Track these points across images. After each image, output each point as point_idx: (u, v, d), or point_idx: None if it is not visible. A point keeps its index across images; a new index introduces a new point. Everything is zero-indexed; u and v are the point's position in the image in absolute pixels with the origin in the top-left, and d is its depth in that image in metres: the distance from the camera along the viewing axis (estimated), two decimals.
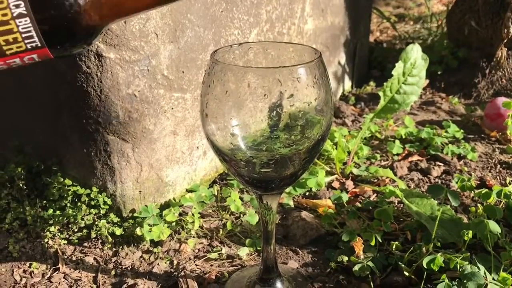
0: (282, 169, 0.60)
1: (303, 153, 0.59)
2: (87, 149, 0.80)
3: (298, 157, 0.60)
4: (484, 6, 1.37)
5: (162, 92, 0.82)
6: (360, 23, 1.52)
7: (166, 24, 0.79)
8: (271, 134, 0.58)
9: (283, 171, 0.60)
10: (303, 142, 0.58)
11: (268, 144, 0.58)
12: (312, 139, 0.58)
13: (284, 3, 1.09)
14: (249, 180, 0.60)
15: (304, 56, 0.63)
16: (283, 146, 0.59)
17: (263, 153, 0.59)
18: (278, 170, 0.60)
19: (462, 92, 1.47)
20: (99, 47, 0.73)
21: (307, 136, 0.57)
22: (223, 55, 0.61)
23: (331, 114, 0.59)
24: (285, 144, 0.59)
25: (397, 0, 3.07)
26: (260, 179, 0.60)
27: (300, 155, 0.59)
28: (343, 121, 1.32)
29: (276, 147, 0.59)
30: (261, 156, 0.59)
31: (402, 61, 1.04)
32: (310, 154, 0.60)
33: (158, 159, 0.85)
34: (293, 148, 0.59)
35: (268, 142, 0.58)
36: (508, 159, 1.11)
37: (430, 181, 1.02)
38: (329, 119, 0.59)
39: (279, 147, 0.59)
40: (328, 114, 0.59)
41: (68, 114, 0.79)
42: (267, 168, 0.59)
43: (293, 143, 0.58)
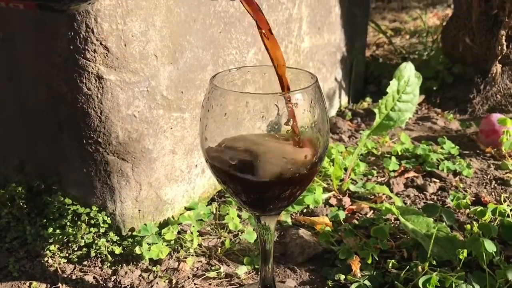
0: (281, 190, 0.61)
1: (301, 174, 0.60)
2: (87, 169, 0.81)
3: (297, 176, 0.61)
4: (478, 23, 1.39)
5: (162, 112, 0.83)
6: (357, 40, 1.54)
7: (165, 46, 0.81)
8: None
9: (282, 192, 0.61)
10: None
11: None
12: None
13: (281, 22, 1.10)
14: (246, 201, 0.61)
15: (301, 78, 0.65)
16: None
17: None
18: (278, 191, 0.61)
19: (457, 108, 1.49)
20: (99, 70, 0.74)
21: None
22: (222, 79, 0.62)
23: (327, 136, 0.61)
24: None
25: (393, 14, 3.10)
26: (258, 200, 0.62)
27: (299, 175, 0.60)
28: (340, 136, 1.34)
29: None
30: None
31: (396, 79, 1.06)
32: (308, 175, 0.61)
33: (157, 178, 0.86)
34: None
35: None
36: (503, 175, 1.12)
37: (426, 198, 1.03)
38: (325, 140, 0.61)
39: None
40: (325, 136, 0.60)
41: (68, 135, 0.81)
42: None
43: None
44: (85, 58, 0.73)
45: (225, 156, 0.58)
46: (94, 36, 0.72)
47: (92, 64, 0.74)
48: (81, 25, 0.71)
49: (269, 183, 0.59)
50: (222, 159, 0.58)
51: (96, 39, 0.72)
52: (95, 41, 0.72)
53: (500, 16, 1.35)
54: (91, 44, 0.72)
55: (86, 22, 0.71)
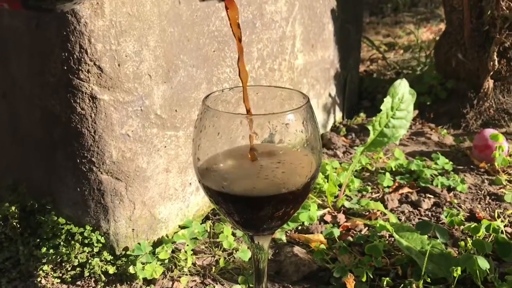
0: (274, 209, 0.61)
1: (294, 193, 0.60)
2: (80, 188, 0.81)
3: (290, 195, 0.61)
4: (469, 39, 1.41)
5: (155, 131, 0.83)
6: (350, 56, 1.55)
7: (159, 65, 0.81)
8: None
9: (275, 211, 0.61)
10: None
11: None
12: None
13: (274, 40, 1.11)
14: (240, 221, 0.61)
15: (293, 97, 0.65)
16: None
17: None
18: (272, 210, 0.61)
19: (451, 123, 1.49)
20: (93, 90, 0.74)
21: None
22: (216, 98, 0.63)
23: (320, 154, 0.61)
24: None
25: (387, 29, 3.13)
26: (251, 219, 0.62)
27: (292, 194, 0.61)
28: (335, 152, 1.34)
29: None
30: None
31: (390, 96, 1.06)
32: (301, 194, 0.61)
33: (151, 197, 0.86)
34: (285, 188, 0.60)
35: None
36: (497, 190, 1.12)
37: (420, 214, 1.03)
38: (318, 159, 0.61)
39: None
40: (317, 154, 0.60)
41: (62, 154, 0.81)
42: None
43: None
44: (79, 78, 0.74)
45: (218, 177, 0.58)
46: (87, 56, 0.72)
47: (86, 84, 0.74)
48: (75, 46, 0.72)
49: (262, 203, 0.59)
50: (215, 179, 0.58)
51: (89, 60, 0.73)
52: (89, 61, 0.73)
53: (491, 32, 1.37)
54: (85, 65, 0.73)
55: (80, 42, 0.71)
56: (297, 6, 1.17)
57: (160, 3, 0.79)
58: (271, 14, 1.08)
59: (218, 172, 0.58)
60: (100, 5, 0.70)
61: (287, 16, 1.14)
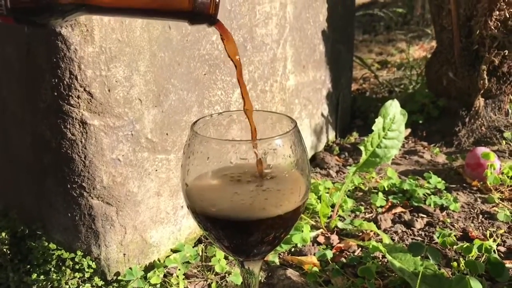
0: (264, 234, 0.61)
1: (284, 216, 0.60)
2: (71, 213, 0.81)
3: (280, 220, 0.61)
4: (459, 58, 1.42)
5: (146, 155, 0.83)
6: (342, 76, 1.56)
7: (150, 90, 0.82)
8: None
9: (265, 236, 0.61)
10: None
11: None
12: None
13: (266, 62, 1.12)
14: (229, 246, 0.61)
15: (282, 122, 0.65)
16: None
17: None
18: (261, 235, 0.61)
19: (443, 141, 1.50)
20: (83, 115, 0.75)
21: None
22: (204, 124, 0.63)
23: (308, 177, 0.61)
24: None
25: (380, 47, 3.16)
26: (241, 245, 0.61)
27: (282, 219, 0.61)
28: (328, 172, 1.34)
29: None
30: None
31: (381, 116, 1.07)
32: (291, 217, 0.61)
33: (142, 221, 0.85)
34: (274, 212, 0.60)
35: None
36: (489, 208, 1.12)
37: (413, 234, 1.03)
38: (307, 181, 0.61)
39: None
40: (306, 177, 0.61)
41: (53, 179, 0.80)
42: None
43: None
44: (69, 104, 0.74)
45: (206, 202, 0.58)
46: (78, 82, 0.73)
47: (76, 110, 0.74)
48: (65, 72, 0.72)
49: (252, 227, 0.59)
50: (203, 204, 0.58)
51: (80, 86, 0.73)
52: (79, 87, 0.73)
53: (480, 52, 1.39)
54: (75, 91, 0.73)
55: (70, 69, 0.72)
56: (287, 29, 1.18)
57: (150, 29, 0.80)
58: (262, 37, 1.09)
59: (206, 197, 0.58)
60: (90, 32, 0.71)
61: (278, 38, 1.15)
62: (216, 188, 0.59)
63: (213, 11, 0.50)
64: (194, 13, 0.50)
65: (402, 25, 3.65)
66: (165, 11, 0.50)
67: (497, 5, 1.29)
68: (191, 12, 0.50)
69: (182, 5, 0.49)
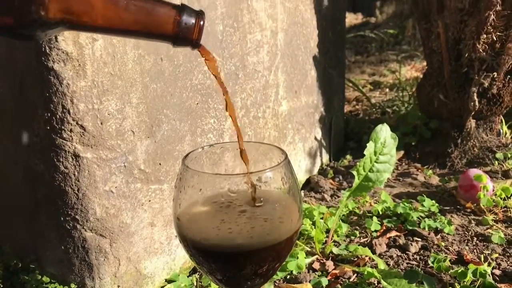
0: (257, 266, 0.61)
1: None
2: (65, 246, 0.81)
3: (272, 251, 0.61)
4: (450, 80, 1.44)
5: (139, 186, 0.84)
6: (334, 99, 1.58)
7: (142, 121, 0.82)
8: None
9: (258, 268, 0.61)
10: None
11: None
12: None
13: (258, 89, 1.13)
14: (222, 279, 0.61)
15: (273, 152, 0.66)
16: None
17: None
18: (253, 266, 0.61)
19: (437, 162, 1.51)
20: (76, 148, 0.75)
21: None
22: (196, 157, 0.63)
23: (300, 207, 0.61)
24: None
25: (372, 68, 3.20)
26: (234, 277, 0.61)
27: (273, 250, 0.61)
28: (322, 196, 1.35)
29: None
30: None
31: (372, 141, 1.08)
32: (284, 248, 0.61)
33: (136, 252, 0.85)
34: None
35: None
36: (484, 231, 1.13)
37: (409, 258, 1.03)
38: (299, 210, 0.61)
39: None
40: (296, 208, 0.61)
41: (46, 212, 0.80)
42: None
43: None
44: (62, 138, 0.74)
45: (198, 236, 0.58)
46: (70, 116, 0.73)
47: (69, 143, 0.75)
48: (58, 106, 0.73)
49: (245, 260, 0.59)
50: (195, 238, 0.58)
51: (72, 119, 0.74)
52: (72, 121, 0.74)
53: (470, 74, 1.40)
54: (68, 124, 0.74)
55: (62, 103, 0.73)
56: (279, 56, 1.20)
57: (142, 61, 0.81)
58: (254, 65, 1.10)
59: (197, 231, 0.59)
60: (82, 67, 0.72)
61: (269, 65, 1.16)
62: (207, 220, 0.59)
63: (196, 36, 0.51)
64: (178, 37, 0.50)
65: (393, 46, 3.69)
66: (148, 33, 0.50)
67: (484, 28, 1.32)
68: (174, 36, 0.50)
69: (166, 29, 0.50)
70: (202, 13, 0.52)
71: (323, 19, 1.41)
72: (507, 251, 1.04)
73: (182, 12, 0.50)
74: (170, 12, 0.50)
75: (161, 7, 0.50)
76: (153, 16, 0.49)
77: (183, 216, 0.59)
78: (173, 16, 0.50)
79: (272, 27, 1.15)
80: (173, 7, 0.50)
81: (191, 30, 0.51)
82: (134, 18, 0.48)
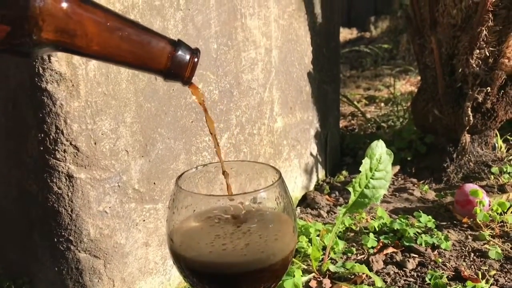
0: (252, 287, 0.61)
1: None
2: (58, 268, 0.80)
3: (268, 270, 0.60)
4: (444, 95, 1.45)
5: (134, 206, 0.83)
6: (329, 115, 1.58)
7: (136, 140, 0.82)
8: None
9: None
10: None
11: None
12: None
13: (253, 106, 1.14)
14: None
15: (268, 171, 0.65)
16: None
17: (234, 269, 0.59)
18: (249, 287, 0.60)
19: (432, 177, 1.51)
20: (70, 169, 0.75)
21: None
22: (189, 177, 0.63)
23: (295, 231, 0.61)
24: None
25: (367, 82, 3.21)
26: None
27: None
28: (319, 212, 1.34)
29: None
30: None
31: (368, 157, 1.08)
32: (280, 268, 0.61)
33: (130, 273, 0.84)
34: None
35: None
36: (481, 246, 1.12)
37: (406, 275, 1.03)
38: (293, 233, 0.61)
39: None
40: (291, 227, 0.60)
41: (39, 233, 0.80)
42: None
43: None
44: (55, 158, 0.74)
45: (191, 253, 0.57)
46: (64, 136, 0.73)
47: (62, 163, 0.74)
48: (51, 127, 0.73)
49: (240, 281, 0.58)
50: (190, 259, 0.58)
51: (66, 140, 0.73)
52: (65, 141, 0.73)
53: (464, 89, 1.41)
54: (61, 145, 0.73)
55: (56, 124, 0.72)
56: (273, 73, 1.20)
57: (136, 81, 0.81)
58: (248, 82, 1.10)
59: (190, 248, 0.58)
60: (76, 87, 0.72)
61: (264, 82, 1.17)
62: (199, 236, 0.59)
63: (188, 74, 0.50)
64: (169, 73, 0.50)
65: (388, 60, 3.71)
66: (140, 65, 0.50)
67: (477, 44, 1.33)
68: (166, 72, 0.50)
69: (159, 63, 0.49)
70: (197, 51, 0.52)
71: (317, 35, 1.42)
72: (505, 267, 1.04)
73: (178, 48, 0.49)
74: (166, 48, 0.49)
75: (157, 41, 0.49)
76: (148, 49, 0.48)
77: (177, 235, 0.58)
78: (168, 51, 0.49)
79: (266, 45, 1.16)
80: (170, 42, 0.50)
81: (184, 67, 0.50)
82: (129, 49, 0.48)
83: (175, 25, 0.87)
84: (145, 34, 0.49)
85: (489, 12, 1.29)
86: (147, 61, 0.49)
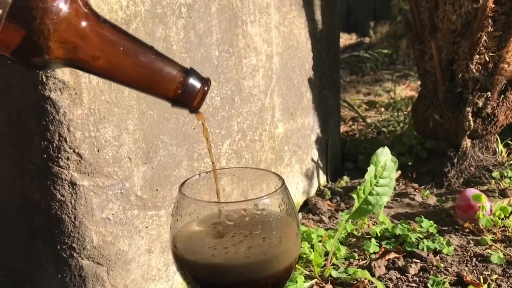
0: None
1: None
2: (61, 275, 0.80)
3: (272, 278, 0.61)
4: (444, 100, 1.45)
5: (136, 213, 0.83)
6: (330, 120, 1.59)
7: (139, 147, 0.82)
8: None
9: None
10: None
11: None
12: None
13: (254, 112, 1.14)
14: None
15: (270, 178, 0.66)
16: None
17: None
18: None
19: (433, 182, 1.51)
20: (73, 176, 0.75)
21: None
22: (192, 184, 0.63)
23: (298, 238, 0.61)
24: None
25: (367, 87, 3.22)
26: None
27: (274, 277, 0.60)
28: (320, 218, 1.34)
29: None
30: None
31: (373, 164, 1.07)
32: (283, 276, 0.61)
33: (133, 280, 0.84)
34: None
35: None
36: (483, 251, 1.12)
37: (408, 280, 1.03)
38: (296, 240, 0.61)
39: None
40: (294, 234, 0.61)
41: (42, 241, 0.80)
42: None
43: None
44: (58, 166, 0.74)
45: (194, 256, 0.57)
46: (67, 144, 0.73)
47: (66, 171, 0.75)
48: (54, 135, 0.73)
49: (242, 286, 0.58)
50: (193, 268, 0.58)
51: (69, 147, 0.74)
52: (68, 149, 0.74)
53: (464, 94, 1.42)
54: (64, 152, 0.74)
55: (59, 131, 0.73)
56: (274, 79, 1.21)
57: None
58: (250, 89, 1.11)
59: (193, 251, 0.58)
60: (79, 95, 0.72)
61: (265, 89, 1.17)
62: (202, 239, 0.59)
63: (197, 103, 0.50)
64: (178, 101, 0.50)
65: (388, 65, 3.72)
66: (150, 90, 0.50)
67: (477, 49, 1.33)
68: (175, 99, 0.50)
69: (168, 90, 0.49)
70: (208, 80, 0.51)
71: (317, 42, 1.42)
72: (507, 272, 1.04)
73: (189, 77, 0.49)
74: (178, 76, 0.49)
75: (170, 68, 0.49)
76: (160, 76, 0.48)
77: (180, 241, 0.59)
78: (179, 80, 0.49)
79: (267, 51, 1.17)
80: (182, 70, 0.49)
81: (193, 96, 0.50)
82: (140, 74, 0.48)
83: (177, 33, 0.87)
84: (159, 60, 0.49)
85: (489, 18, 1.29)
86: (158, 87, 0.49)
